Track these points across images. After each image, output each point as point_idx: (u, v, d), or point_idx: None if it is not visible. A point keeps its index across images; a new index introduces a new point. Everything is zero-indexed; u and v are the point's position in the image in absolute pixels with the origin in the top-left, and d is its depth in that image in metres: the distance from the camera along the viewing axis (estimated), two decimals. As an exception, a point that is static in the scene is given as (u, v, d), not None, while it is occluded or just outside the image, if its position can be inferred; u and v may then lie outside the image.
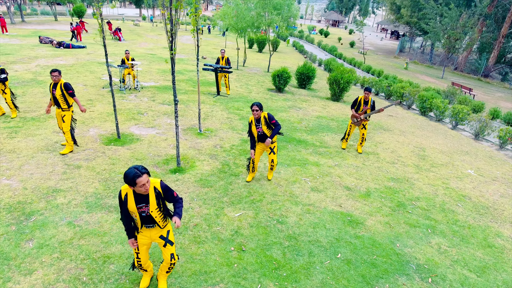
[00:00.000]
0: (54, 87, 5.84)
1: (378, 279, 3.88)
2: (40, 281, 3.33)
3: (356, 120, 7.34)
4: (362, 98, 7.20)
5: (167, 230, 3.15)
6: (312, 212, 5.07)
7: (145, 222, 2.99)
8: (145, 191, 2.78)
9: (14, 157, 5.83)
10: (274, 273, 3.78)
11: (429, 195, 6.08)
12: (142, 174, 2.71)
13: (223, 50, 11.68)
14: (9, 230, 4.02)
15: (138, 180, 2.70)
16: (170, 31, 5.10)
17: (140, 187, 2.74)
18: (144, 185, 2.74)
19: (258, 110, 5.14)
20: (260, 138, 5.40)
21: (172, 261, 3.18)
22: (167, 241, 3.14)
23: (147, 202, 2.87)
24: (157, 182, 2.92)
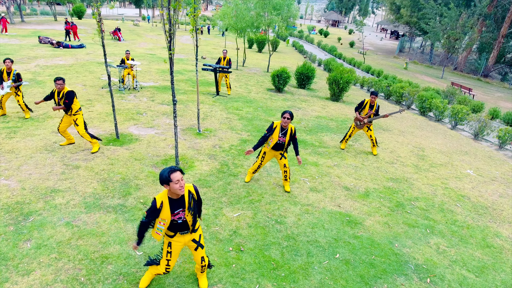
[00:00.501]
0: (58, 95, 5.87)
1: (377, 279, 3.88)
2: (38, 281, 3.32)
3: (359, 123, 7.33)
4: (368, 102, 7.19)
5: (199, 234, 3.22)
6: (311, 212, 5.06)
7: (180, 229, 3.02)
8: (180, 188, 2.78)
9: (13, 157, 5.83)
10: (272, 273, 3.78)
11: (428, 195, 6.08)
12: (176, 170, 2.75)
13: (225, 51, 11.67)
14: (7, 231, 4.01)
15: (173, 176, 2.72)
16: (169, 31, 5.10)
17: (175, 183, 2.74)
18: (179, 182, 2.75)
19: (290, 119, 4.98)
20: (277, 146, 5.22)
21: (203, 263, 3.27)
22: (199, 244, 3.21)
23: (183, 206, 2.92)
24: (191, 186, 3.00)
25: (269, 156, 5.45)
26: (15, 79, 7.43)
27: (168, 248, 3.15)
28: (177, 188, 2.76)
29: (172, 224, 2.98)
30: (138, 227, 3.06)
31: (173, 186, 2.75)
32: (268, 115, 9.92)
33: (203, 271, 3.38)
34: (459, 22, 24.36)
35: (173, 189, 2.78)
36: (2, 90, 7.41)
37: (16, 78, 7.43)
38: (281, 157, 5.41)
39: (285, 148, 5.28)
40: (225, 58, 11.64)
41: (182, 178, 2.78)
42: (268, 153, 5.41)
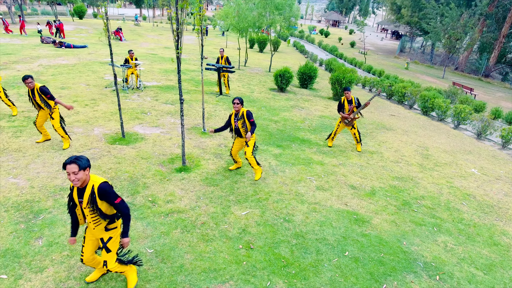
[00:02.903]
0: (32, 94, 5.89)
1: (386, 277, 3.90)
2: (52, 278, 3.34)
3: (347, 121, 7.35)
4: (345, 99, 7.24)
5: (109, 237, 3.08)
6: (319, 211, 5.09)
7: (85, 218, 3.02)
8: (71, 180, 2.73)
9: (20, 156, 5.84)
10: (282, 270, 3.80)
11: (434, 194, 6.10)
12: (70, 162, 2.70)
13: (222, 49, 11.72)
14: (18, 228, 4.03)
15: (67, 167, 2.70)
16: (176, 30, 5.12)
17: (68, 175, 2.73)
18: (70, 175, 2.71)
19: (239, 104, 5.37)
20: (236, 132, 5.64)
21: (105, 268, 3.11)
22: (104, 246, 3.08)
23: (82, 198, 2.88)
24: (98, 182, 2.86)
25: (237, 144, 5.83)
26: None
27: (84, 233, 3.16)
28: (68, 178, 2.76)
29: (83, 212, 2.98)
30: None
31: (67, 176, 2.75)
32: (271, 114, 9.94)
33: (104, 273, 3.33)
34: (460, 22, 24.40)
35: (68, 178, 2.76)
36: None
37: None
38: (245, 145, 5.63)
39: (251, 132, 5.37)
40: (222, 57, 11.67)
41: (76, 172, 2.71)
42: (236, 142, 5.84)
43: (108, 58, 16.47)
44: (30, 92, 5.93)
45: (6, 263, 3.48)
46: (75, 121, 7.75)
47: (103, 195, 2.84)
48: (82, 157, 2.77)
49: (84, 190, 2.85)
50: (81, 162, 2.74)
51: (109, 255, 3.08)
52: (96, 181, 2.85)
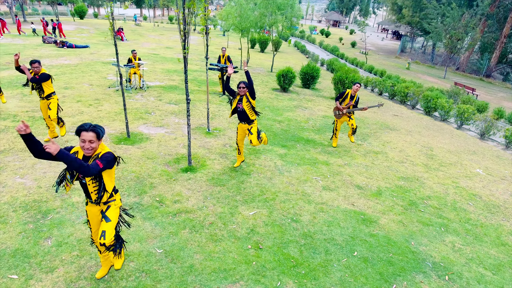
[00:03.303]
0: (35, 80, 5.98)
1: (396, 277, 3.89)
2: (62, 278, 3.34)
3: (338, 113, 7.36)
4: (350, 93, 7.24)
5: (108, 206, 3.01)
6: (326, 211, 5.08)
7: (85, 192, 2.95)
8: (83, 148, 2.65)
9: (26, 156, 5.84)
10: (292, 270, 3.80)
11: (440, 194, 6.10)
12: (88, 129, 2.61)
13: (224, 48, 11.72)
14: (27, 228, 4.02)
15: (82, 134, 2.61)
16: (183, 30, 5.12)
17: (82, 142, 2.64)
18: (85, 142, 2.62)
19: (245, 88, 5.43)
20: (241, 116, 5.63)
21: (101, 240, 2.85)
22: (103, 215, 2.98)
23: None
24: (104, 151, 2.77)
25: (240, 130, 5.80)
26: None
27: (87, 216, 3.14)
28: (80, 146, 2.67)
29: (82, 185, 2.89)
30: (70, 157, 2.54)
31: (80, 143, 2.66)
32: (275, 114, 9.94)
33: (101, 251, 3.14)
34: (462, 22, 24.40)
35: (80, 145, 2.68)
36: None
37: None
38: (248, 133, 5.69)
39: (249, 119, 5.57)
40: (223, 56, 11.66)
41: (93, 141, 2.63)
42: (239, 128, 5.79)
43: (111, 58, 16.47)
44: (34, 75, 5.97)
45: (17, 263, 3.48)
46: (80, 121, 7.74)
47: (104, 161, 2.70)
48: (98, 125, 2.68)
49: (89, 159, 2.75)
50: (100, 131, 2.66)
51: (108, 224, 2.93)
52: (103, 150, 2.78)
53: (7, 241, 3.78)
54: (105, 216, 2.97)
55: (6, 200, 4.54)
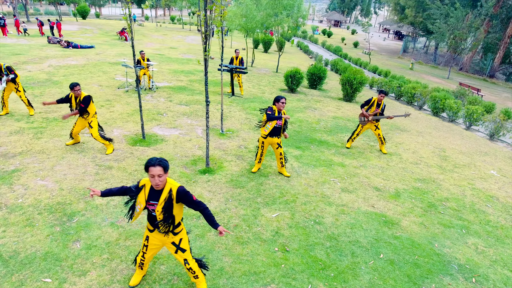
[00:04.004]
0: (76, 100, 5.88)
1: (424, 279, 3.90)
2: (96, 281, 3.34)
3: (363, 120, 7.36)
4: (376, 100, 7.23)
5: (180, 238, 3.12)
6: (347, 213, 5.09)
7: (152, 221, 3.00)
8: (154, 183, 2.75)
9: (45, 158, 5.84)
10: (321, 273, 3.80)
11: (458, 195, 6.11)
12: (155, 164, 2.70)
13: (238, 50, 11.70)
14: (54, 231, 4.03)
15: (150, 169, 2.70)
16: (205, 32, 5.12)
17: (151, 177, 2.73)
18: (155, 177, 2.71)
19: (285, 103, 5.40)
20: (274, 131, 5.61)
21: (187, 266, 3.15)
22: (178, 248, 3.12)
23: (157, 200, 2.86)
24: (175, 185, 2.87)
25: (267, 143, 5.81)
26: (7, 73, 7.41)
27: (145, 242, 3.15)
28: (151, 181, 2.76)
29: (149, 214, 2.98)
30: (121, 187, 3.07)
31: (149, 178, 2.76)
32: (286, 115, 9.93)
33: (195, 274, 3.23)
34: (466, 23, 24.42)
35: (150, 180, 2.77)
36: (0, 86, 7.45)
37: (7, 72, 7.42)
38: (278, 146, 5.80)
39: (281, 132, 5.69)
40: (237, 58, 11.66)
41: (160, 175, 2.71)
42: (266, 141, 5.78)
43: (117, 59, 16.46)
44: (74, 98, 5.88)
45: (48, 266, 3.48)
46: (94, 123, 7.74)
47: (182, 198, 2.85)
48: (163, 159, 2.76)
49: (160, 193, 2.84)
50: (166, 164, 2.74)
51: (185, 254, 3.14)
52: (173, 184, 2.86)
53: (36, 244, 3.79)
54: (180, 249, 3.12)
55: (30, 202, 4.54)
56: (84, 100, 5.86)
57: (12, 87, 7.55)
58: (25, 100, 7.69)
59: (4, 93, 7.54)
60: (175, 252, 3.12)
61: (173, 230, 3.03)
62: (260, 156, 5.99)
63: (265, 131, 5.63)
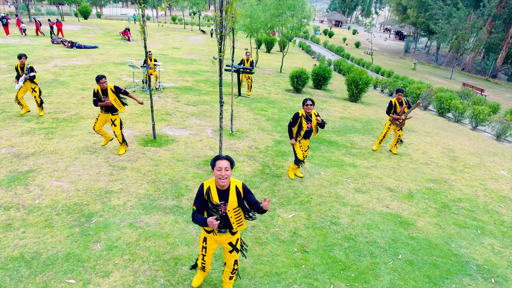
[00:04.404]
0: (105, 94, 5.81)
1: (443, 280, 3.91)
2: (120, 282, 3.34)
3: (399, 122, 7.29)
4: (395, 101, 7.22)
5: (237, 238, 3.12)
6: (362, 213, 5.10)
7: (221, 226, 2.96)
8: (220, 176, 2.69)
9: (58, 158, 5.84)
10: (342, 274, 3.81)
11: (470, 196, 6.12)
12: (223, 158, 2.71)
13: (248, 53, 11.71)
14: (73, 232, 4.03)
15: (218, 162, 2.69)
16: (220, 33, 5.12)
17: (217, 170, 2.69)
18: (221, 170, 2.67)
19: (312, 105, 5.34)
20: (306, 134, 5.62)
21: (235, 267, 3.17)
22: (234, 248, 3.12)
23: (226, 199, 2.82)
24: (239, 183, 2.90)
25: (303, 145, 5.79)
26: (28, 72, 7.41)
27: (203, 243, 3.11)
28: (217, 175, 2.71)
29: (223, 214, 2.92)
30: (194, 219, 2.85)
31: (215, 172, 2.72)
32: (294, 116, 9.93)
33: (232, 277, 3.25)
34: (468, 23, 24.44)
35: (215, 175, 2.74)
36: (17, 85, 7.43)
37: (29, 71, 7.42)
38: (307, 149, 5.88)
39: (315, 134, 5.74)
40: (248, 60, 11.66)
41: (226, 168, 2.68)
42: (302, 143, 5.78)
43: (121, 59, 16.45)
44: (102, 92, 5.81)
45: (71, 267, 3.48)
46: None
47: (246, 194, 2.86)
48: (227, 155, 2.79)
49: (227, 192, 2.83)
50: (232, 160, 2.76)
51: (237, 255, 3.16)
52: (236, 182, 2.87)
53: (57, 245, 3.79)
54: (235, 249, 3.12)
55: (47, 203, 4.54)
56: (117, 88, 5.87)
57: (29, 87, 7.54)
58: (38, 101, 7.68)
59: (19, 93, 7.52)
60: (230, 252, 3.11)
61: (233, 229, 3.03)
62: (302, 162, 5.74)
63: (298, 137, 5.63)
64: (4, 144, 6.19)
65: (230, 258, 3.14)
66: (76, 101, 9.13)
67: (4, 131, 6.77)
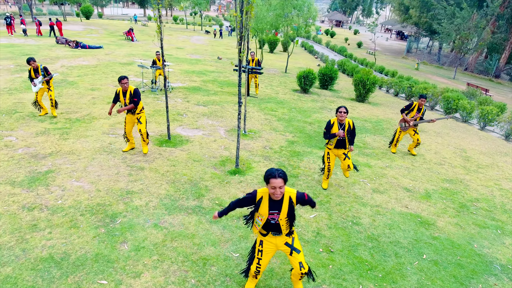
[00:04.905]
0: (124, 95, 5.81)
1: (469, 280, 3.92)
2: (151, 283, 3.34)
3: (404, 125, 7.34)
4: (417, 105, 7.21)
5: (292, 237, 3.14)
6: (383, 214, 5.11)
7: (272, 229, 3.01)
8: (275, 196, 2.78)
9: (75, 159, 5.84)
10: (369, 274, 3.82)
11: (487, 196, 6.13)
12: (277, 176, 2.72)
13: (253, 52, 11.71)
14: (99, 233, 4.03)
15: (271, 181, 2.72)
16: (240, 33, 5.13)
17: (271, 189, 2.76)
18: (276, 189, 2.74)
19: (346, 113, 5.09)
20: (339, 143, 5.30)
21: (302, 271, 3.09)
22: (293, 248, 3.10)
23: (279, 209, 2.89)
24: (294, 193, 2.93)
25: (333, 155, 5.50)
26: (44, 74, 7.41)
27: (259, 247, 3.13)
28: (271, 192, 2.80)
29: (266, 222, 2.99)
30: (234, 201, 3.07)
31: (269, 188, 2.79)
32: (304, 116, 9.95)
33: (301, 278, 3.22)
34: (472, 22, 24.47)
35: (270, 192, 2.82)
36: (35, 87, 7.43)
37: (44, 72, 7.41)
38: (345, 157, 5.45)
39: (347, 145, 5.32)
40: (253, 60, 11.66)
41: (281, 186, 2.73)
42: (332, 153, 5.48)
43: (128, 59, 16.44)
44: (122, 93, 5.80)
45: (102, 268, 3.48)
46: (116, 123, 7.75)
47: (300, 201, 2.97)
48: (282, 170, 2.78)
49: (281, 202, 2.87)
50: (285, 176, 2.76)
51: (300, 255, 3.11)
52: (291, 192, 2.91)
53: (84, 245, 3.79)
54: (294, 249, 3.11)
55: (70, 204, 4.54)
56: (135, 93, 5.82)
57: (45, 88, 7.54)
58: (53, 100, 7.67)
59: (38, 96, 7.52)
60: (290, 254, 3.10)
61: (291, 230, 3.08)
62: (327, 171, 5.55)
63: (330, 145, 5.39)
64: (21, 145, 6.19)
65: (294, 260, 3.12)
66: (87, 101, 9.13)
67: (19, 131, 6.78)
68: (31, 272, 3.36)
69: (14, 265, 3.43)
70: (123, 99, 5.83)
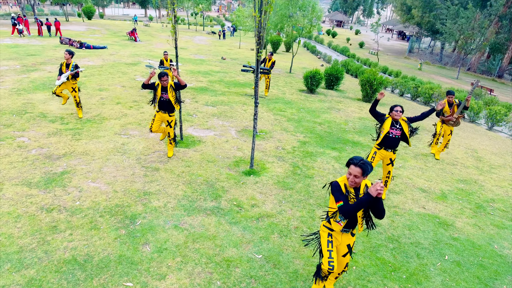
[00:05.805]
0: (164, 91, 5.68)
1: (493, 281, 3.90)
2: (177, 285, 3.32)
3: (453, 122, 7.16)
4: (446, 102, 7.11)
5: (354, 241, 3.12)
6: (401, 214, 5.08)
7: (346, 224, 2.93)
8: (350, 182, 2.75)
9: (90, 160, 5.81)
10: (393, 275, 3.79)
11: (502, 196, 6.11)
12: (356, 165, 2.70)
13: (270, 53, 11.70)
14: (120, 234, 4.00)
15: (351, 166, 2.72)
16: (259, 33, 5.11)
17: (348, 174, 2.76)
18: (351, 176, 2.73)
19: (402, 112, 4.79)
20: (389, 142, 4.91)
21: (345, 269, 3.19)
22: (350, 250, 3.09)
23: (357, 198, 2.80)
24: (369, 182, 2.90)
25: (379, 156, 5.07)
26: (74, 69, 7.37)
27: (329, 238, 2.98)
28: (347, 177, 2.80)
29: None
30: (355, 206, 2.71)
31: (347, 173, 2.78)
32: (313, 116, 9.93)
33: (338, 277, 3.30)
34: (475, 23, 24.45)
35: (346, 176, 2.81)
36: (58, 81, 7.39)
37: (74, 68, 7.39)
38: (389, 162, 5.07)
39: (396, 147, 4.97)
40: (270, 60, 11.63)
41: (356, 175, 2.69)
42: (379, 153, 5.05)
43: (133, 59, 16.41)
44: (162, 89, 5.67)
45: (126, 270, 3.46)
46: (127, 123, 7.72)
47: None
48: (367, 162, 2.72)
49: (358, 189, 2.85)
50: (367, 169, 2.70)
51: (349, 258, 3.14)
52: (367, 181, 2.88)
53: (106, 247, 3.76)
54: (351, 251, 3.08)
55: (88, 205, 4.52)
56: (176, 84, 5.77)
57: (70, 86, 7.46)
58: (77, 100, 7.63)
59: (57, 90, 7.45)
60: (343, 256, 3.06)
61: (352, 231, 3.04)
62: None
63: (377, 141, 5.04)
64: (34, 145, 6.16)
65: (343, 261, 3.12)
66: (96, 102, 9.10)
67: (30, 132, 6.75)
68: (55, 275, 3.33)
69: (38, 268, 3.40)
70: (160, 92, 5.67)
